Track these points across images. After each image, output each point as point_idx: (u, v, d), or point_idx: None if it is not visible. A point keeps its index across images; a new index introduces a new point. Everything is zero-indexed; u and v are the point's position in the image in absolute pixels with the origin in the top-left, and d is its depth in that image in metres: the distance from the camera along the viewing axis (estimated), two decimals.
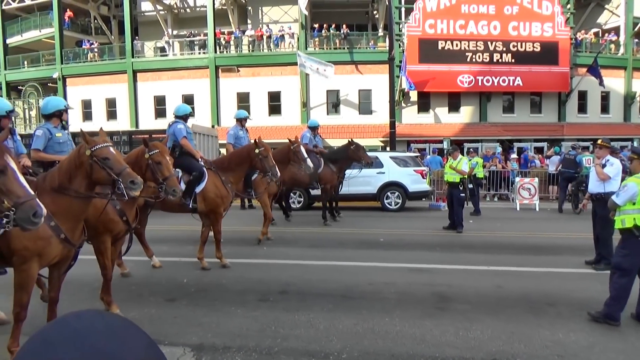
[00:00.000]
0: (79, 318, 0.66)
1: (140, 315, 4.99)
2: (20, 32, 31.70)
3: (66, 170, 4.06)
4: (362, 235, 9.69)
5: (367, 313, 4.98)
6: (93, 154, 4.01)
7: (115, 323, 0.69)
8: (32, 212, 2.91)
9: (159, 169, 5.05)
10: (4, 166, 2.89)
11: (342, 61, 25.89)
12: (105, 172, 4.01)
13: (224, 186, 7.14)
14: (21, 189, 2.93)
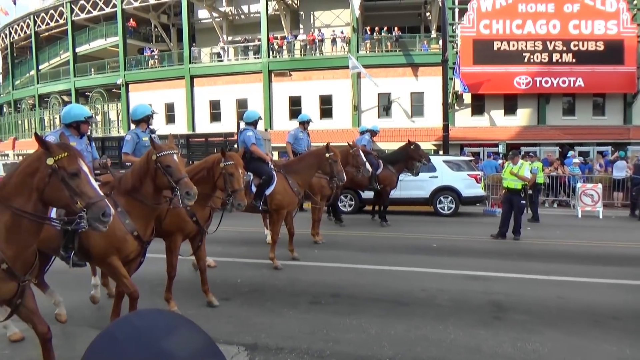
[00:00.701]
0: (141, 317, 0.70)
1: (197, 313, 5.14)
2: (88, 42, 33.67)
3: (137, 174, 4.33)
4: (414, 240, 9.54)
5: (419, 320, 4.90)
6: (158, 159, 4.22)
7: (175, 321, 0.72)
8: (102, 212, 3.07)
9: (231, 180, 5.22)
10: (77, 170, 3.06)
11: (394, 64, 25.71)
12: (166, 178, 4.21)
13: (291, 189, 7.40)
14: (92, 190, 3.10)
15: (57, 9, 33.94)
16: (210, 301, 5.48)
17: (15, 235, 3.05)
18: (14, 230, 3.04)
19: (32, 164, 3.11)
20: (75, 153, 3.15)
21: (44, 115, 36.32)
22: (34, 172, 3.06)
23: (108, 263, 4.22)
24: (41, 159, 3.07)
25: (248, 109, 27.23)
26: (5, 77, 40.92)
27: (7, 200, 3.04)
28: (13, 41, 38.78)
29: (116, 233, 4.07)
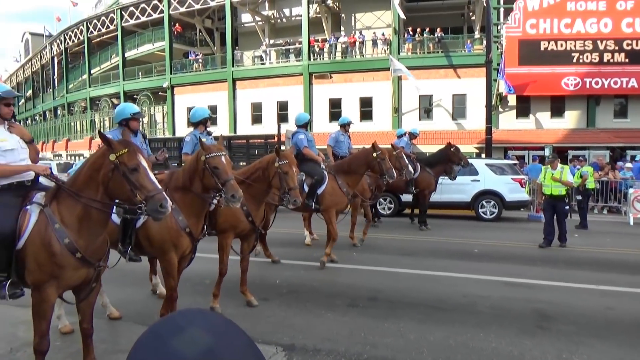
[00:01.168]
0: (185, 316, 0.72)
1: (236, 312, 5.24)
2: (136, 46, 34.96)
3: (187, 172, 4.56)
4: (454, 245, 9.36)
5: (460, 326, 4.81)
6: (206, 160, 4.39)
7: (217, 321, 0.74)
8: (159, 203, 3.28)
9: (286, 179, 5.42)
10: (137, 164, 3.29)
11: (436, 65, 25.34)
12: (213, 179, 4.37)
13: (340, 189, 7.68)
14: (151, 184, 3.32)
15: (108, 15, 35.42)
16: (250, 301, 5.59)
17: (87, 226, 3.34)
18: (86, 222, 3.34)
19: (97, 160, 3.39)
20: (135, 149, 3.37)
21: (95, 117, 37.93)
22: (99, 167, 3.34)
23: (167, 259, 4.48)
24: (105, 156, 3.33)
25: (289, 112, 27.74)
26: (60, 81, 43.04)
27: (79, 193, 3.33)
28: (67, 47, 40.74)
29: (173, 228, 4.37)
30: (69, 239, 3.27)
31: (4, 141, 3.57)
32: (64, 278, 3.31)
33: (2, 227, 3.27)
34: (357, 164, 7.95)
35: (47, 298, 3.32)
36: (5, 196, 3.47)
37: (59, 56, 42.76)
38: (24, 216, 3.34)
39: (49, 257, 3.24)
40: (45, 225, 3.29)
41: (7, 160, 3.56)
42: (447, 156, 11.30)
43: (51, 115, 44.43)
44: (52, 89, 44.81)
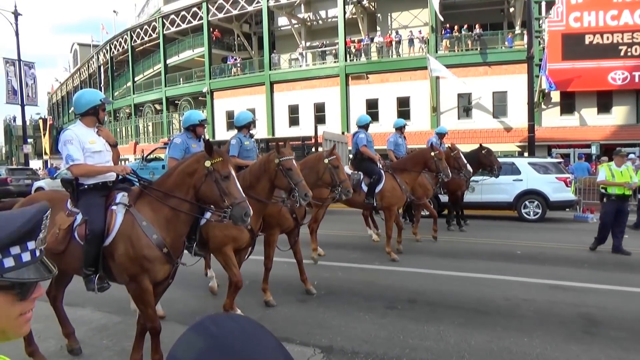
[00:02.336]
0: (215, 322, 0.73)
1: (275, 313, 5.29)
2: (177, 53, 35.96)
3: (255, 173, 4.94)
4: (496, 246, 9.13)
5: (502, 330, 4.68)
6: (281, 163, 4.80)
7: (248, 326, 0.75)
8: (244, 212, 3.56)
9: (337, 172, 5.76)
10: (229, 173, 3.58)
11: (475, 63, 24.81)
12: (286, 180, 4.78)
13: (399, 187, 8.08)
14: (238, 192, 3.60)
15: (151, 24, 36.60)
16: (309, 289, 6.00)
17: (173, 225, 3.60)
18: (173, 221, 3.59)
19: (191, 164, 3.66)
20: (228, 158, 3.68)
21: (139, 123, 39.25)
22: (193, 172, 3.61)
23: (223, 252, 4.80)
24: (200, 161, 3.61)
25: (326, 113, 27.78)
26: (106, 89, 44.75)
27: (169, 194, 3.60)
28: (112, 56, 42.37)
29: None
30: (157, 235, 3.52)
31: (93, 143, 3.83)
32: (153, 271, 3.56)
33: (95, 226, 3.54)
34: (414, 162, 8.38)
35: (145, 287, 3.56)
36: (93, 196, 3.74)
37: (105, 65, 44.52)
38: (111, 215, 3.60)
39: (140, 252, 3.49)
40: (132, 223, 3.54)
41: (95, 161, 3.82)
42: (477, 159, 10.98)
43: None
44: None
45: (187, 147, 5.61)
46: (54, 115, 60.73)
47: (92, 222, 3.55)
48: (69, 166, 3.75)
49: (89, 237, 3.53)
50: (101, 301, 5.59)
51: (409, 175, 8.30)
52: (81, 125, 3.89)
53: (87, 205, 3.68)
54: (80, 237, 3.59)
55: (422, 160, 8.34)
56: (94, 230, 3.53)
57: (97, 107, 3.87)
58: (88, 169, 3.76)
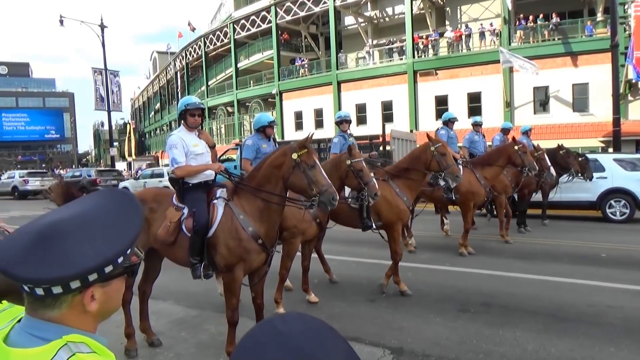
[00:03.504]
0: (284, 321, 0.74)
1: (344, 312, 5.32)
2: (247, 57, 37.13)
3: (327, 172, 5.09)
4: (578, 249, 8.56)
5: (585, 339, 4.40)
6: (352, 164, 5.12)
7: (316, 326, 0.75)
8: (332, 196, 3.85)
9: (444, 159, 5.95)
10: (314, 162, 3.87)
11: (552, 54, 23.38)
12: (357, 180, 5.10)
13: (477, 182, 8.01)
14: (324, 179, 3.89)
15: (222, 29, 38.07)
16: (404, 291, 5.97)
17: (266, 216, 3.92)
18: (266, 212, 3.91)
19: (278, 158, 3.96)
20: (312, 150, 3.96)
21: (212, 125, 40.90)
22: (281, 164, 3.91)
23: (292, 242, 5.25)
24: (287, 154, 3.90)
25: (393, 111, 27.46)
26: (182, 93, 47.10)
27: (260, 188, 3.92)
28: (188, 62, 44.52)
29: (305, 218, 5.15)
30: (253, 227, 3.84)
31: (196, 146, 4.23)
32: (249, 261, 3.88)
33: (201, 218, 3.90)
34: (496, 157, 8.28)
35: (237, 278, 3.89)
36: (198, 193, 4.12)
37: (181, 71, 46.89)
38: (213, 209, 3.97)
39: (238, 243, 3.83)
40: (231, 217, 3.89)
41: (198, 162, 4.23)
42: (554, 159, 10.35)
43: (176, 125, 48.70)
44: (176, 101, 49.20)
45: (258, 148, 5.75)
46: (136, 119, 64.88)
47: (199, 215, 3.91)
48: (174, 168, 4.15)
49: (196, 229, 3.88)
50: (180, 296, 5.92)
51: (490, 170, 8.16)
52: (184, 130, 4.28)
53: (192, 200, 4.04)
54: (188, 230, 3.95)
55: (506, 155, 8.17)
56: (200, 222, 3.88)
57: (184, 112, 4.23)
58: (189, 169, 4.15)
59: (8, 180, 28.34)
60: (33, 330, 0.91)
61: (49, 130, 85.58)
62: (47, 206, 5.06)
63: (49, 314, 0.92)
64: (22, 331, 0.92)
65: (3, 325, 0.96)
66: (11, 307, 1.02)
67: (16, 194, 26.94)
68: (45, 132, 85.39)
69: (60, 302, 0.92)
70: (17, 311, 1.00)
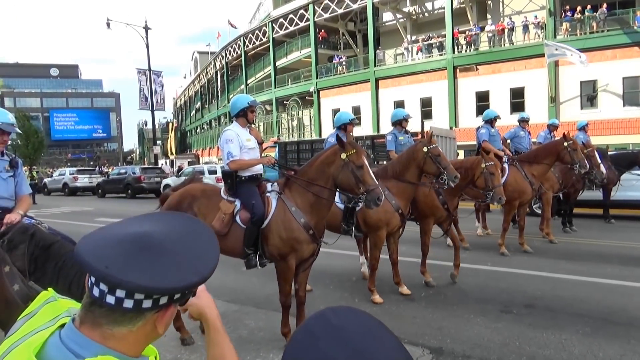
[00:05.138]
0: (336, 314, 0.74)
1: (382, 311, 5.28)
2: (285, 55, 37.42)
3: (404, 163, 5.54)
4: (630, 250, 8.16)
5: (637, 343, 4.19)
6: (429, 151, 5.35)
7: (368, 322, 0.74)
8: (377, 196, 4.00)
9: (492, 179, 6.14)
10: (362, 163, 4.00)
11: (601, 46, 22.35)
12: (435, 165, 5.33)
13: (524, 180, 7.89)
14: (372, 179, 4.02)
15: (261, 28, 38.52)
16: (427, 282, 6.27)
17: (317, 209, 4.13)
18: (316, 205, 4.13)
19: (329, 157, 4.15)
20: (361, 150, 4.09)
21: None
22: (332, 163, 4.10)
23: (378, 235, 5.47)
24: (337, 154, 4.08)
25: (432, 108, 27.04)
26: (222, 92, 47.99)
27: (312, 182, 4.13)
28: (227, 61, 45.29)
29: (389, 210, 5.36)
30: (304, 219, 4.05)
31: (249, 141, 4.44)
32: (300, 250, 4.10)
33: (259, 210, 4.11)
34: (544, 154, 8.09)
35: (290, 266, 4.12)
36: (251, 186, 4.33)
37: (221, 70, 47.76)
38: (267, 201, 4.19)
39: (291, 234, 4.05)
40: (284, 209, 4.11)
41: (250, 156, 4.42)
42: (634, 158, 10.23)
43: (216, 123, 49.72)
44: (216, 100, 50.18)
45: (396, 140, 6.36)
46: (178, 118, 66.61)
47: (257, 207, 4.10)
48: (229, 161, 4.31)
49: (254, 220, 4.09)
50: (219, 291, 6.02)
51: (538, 167, 7.98)
52: (238, 126, 4.48)
53: (247, 194, 4.24)
54: (243, 221, 4.16)
55: (555, 151, 7.97)
56: (258, 213, 4.08)
57: (246, 109, 4.43)
58: (242, 163, 4.33)
59: (59, 178, 29.72)
60: (76, 347, 0.85)
61: (96, 130, 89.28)
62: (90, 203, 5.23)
63: (116, 329, 0.87)
64: (63, 347, 0.85)
65: (43, 324, 0.90)
66: (56, 300, 0.97)
67: (66, 190, 28.20)
68: (93, 131, 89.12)
69: (139, 318, 0.87)
70: (62, 307, 0.95)
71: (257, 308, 5.39)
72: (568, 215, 10.35)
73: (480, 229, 9.83)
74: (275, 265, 4.24)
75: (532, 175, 7.95)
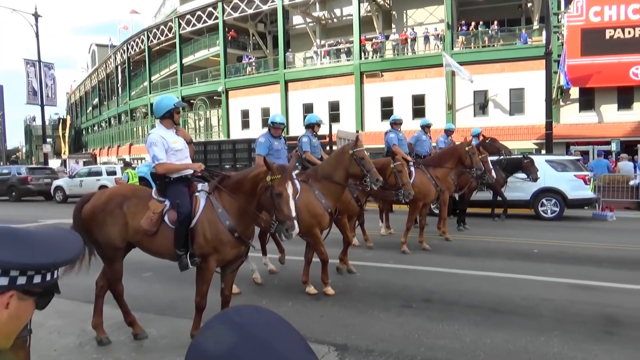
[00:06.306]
0: (239, 313, 0.74)
1: (290, 310, 5.30)
2: (193, 53, 36.28)
3: (333, 164, 5.83)
4: (513, 245, 9.02)
5: (519, 330, 4.62)
6: (354, 153, 5.65)
7: (271, 319, 0.75)
8: (286, 228, 3.95)
9: (400, 176, 6.79)
10: (282, 191, 3.92)
11: (492, 59, 24.51)
12: (359, 168, 5.64)
13: (429, 182, 8.38)
14: (287, 209, 3.94)
15: (167, 24, 36.97)
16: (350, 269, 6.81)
17: (243, 214, 4.12)
18: (242, 214, 4.11)
19: (259, 175, 4.08)
20: (287, 177, 4.00)
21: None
22: (258, 182, 4.06)
23: (313, 234, 5.66)
24: (265, 175, 3.99)
25: (340, 112, 27.71)
26: (123, 89, 45.35)
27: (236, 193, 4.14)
28: (130, 56, 42.90)
29: (319, 211, 5.62)
30: (230, 221, 4.05)
31: (175, 143, 4.38)
32: (223, 252, 4.09)
33: (185, 209, 4.09)
34: (447, 157, 8.66)
35: (210, 267, 4.11)
36: (179, 186, 4.29)
37: (122, 65, 45.11)
38: (195, 201, 4.17)
39: (215, 235, 4.04)
40: (211, 209, 4.11)
41: (177, 158, 4.38)
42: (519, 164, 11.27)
43: (115, 121, 46.87)
44: (116, 96, 47.29)
45: (270, 145, 6.29)
46: (73, 115, 61.77)
47: (183, 206, 4.09)
48: (155, 165, 4.31)
49: (181, 219, 4.06)
50: None
51: (441, 170, 8.56)
52: (163, 128, 4.43)
53: (175, 193, 4.22)
54: (171, 221, 4.14)
55: (457, 156, 8.55)
56: (184, 212, 4.07)
57: (172, 110, 4.38)
58: (169, 167, 4.30)
59: None
60: None
61: None
62: None
63: None
64: None
65: None
66: None
67: None
68: None
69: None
70: None
71: (159, 315, 5.15)
72: (462, 214, 11.18)
73: (383, 229, 10.25)
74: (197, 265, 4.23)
75: (436, 178, 8.48)
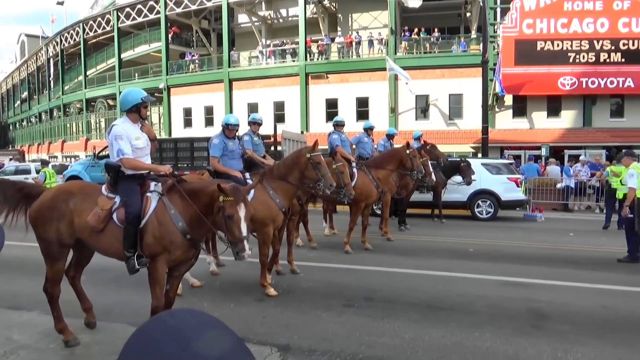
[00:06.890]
0: (173, 316, 0.72)
1: (232, 312, 5.22)
2: (132, 48, 34.91)
3: (289, 165, 6.00)
4: (451, 244, 9.37)
5: (455, 326, 4.80)
6: (311, 157, 5.85)
7: (206, 321, 0.73)
8: (238, 251, 3.83)
9: (342, 177, 6.75)
10: (232, 214, 3.79)
11: (432, 65, 25.36)
12: (315, 172, 5.84)
13: (371, 183, 8.54)
14: (238, 232, 3.81)
15: (105, 16, 35.36)
16: (294, 270, 6.90)
17: (197, 221, 3.98)
18: (196, 220, 3.97)
19: (214, 194, 3.88)
20: (239, 199, 3.83)
21: (91, 118, 37.86)
22: (213, 200, 3.90)
23: (265, 231, 5.77)
24: (215, 197, 3.84)
25: (285, 112, 27.69)
26: (56, 82, 42.92)
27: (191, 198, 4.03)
28: (63, 48, 40.66)
29: (274, 209, 5.77)
30: (182, 223, 3.96)
31: (138, 140, 4.22)
32: (174, 254, 3.99)
33: (134, 208, 3.97)
34: (389, 160, 8.88)
35: (159, 268, 3.98)
36: (131, 184, 4.15)
37: (54, 57, 42.69)
38: (146, 201, 4.05)
39: (166, 235, 3.94)
40: (163, 210, 4.01)
41: (137, 155, 4.21)
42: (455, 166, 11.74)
43: (47, 116, 44.29)
44: (47, 90, 44.69)
45: (225, 146, 6.19)
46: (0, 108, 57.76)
47: (132, 205, 3.98)
48: (119, 159, 4.12)
49: (129, 218, 3.95)
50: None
51: (383, 172, 8.73)
52: (128, 122, 4.25)
53: (126, 191, 4.09)
54: (119, 220, 4.00)
55: (398, 158, 8.77)
56: (133, 212, 3.96)
57: (139, 105, 4.23)
58: (136, 164, 4.17)
59: None
60: None
61: None
62: None
63: None
64: None
65: None
66: None
67: None
68: None
69: None
70: None
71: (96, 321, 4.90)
72: (402, 215, 11.48)
73: (327, 229, 10.34)
74: (148, 266, 4.09)
75: (378, 179, 8.65)
